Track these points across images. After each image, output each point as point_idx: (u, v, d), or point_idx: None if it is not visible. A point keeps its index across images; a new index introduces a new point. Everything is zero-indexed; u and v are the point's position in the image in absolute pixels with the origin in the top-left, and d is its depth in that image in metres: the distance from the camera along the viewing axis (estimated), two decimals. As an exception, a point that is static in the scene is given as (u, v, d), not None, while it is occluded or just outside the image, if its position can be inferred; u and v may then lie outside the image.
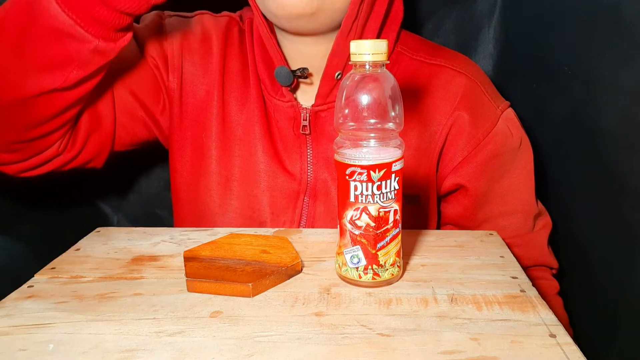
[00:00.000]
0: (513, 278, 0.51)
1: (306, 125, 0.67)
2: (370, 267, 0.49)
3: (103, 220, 0.93)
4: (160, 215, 0.97)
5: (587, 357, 0.39)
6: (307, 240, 0.61)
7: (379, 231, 0.48)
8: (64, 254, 0.58)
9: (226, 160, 0.69)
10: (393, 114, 0.47)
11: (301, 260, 0.54)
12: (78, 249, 0.59)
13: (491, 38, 0.90)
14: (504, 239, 0.61)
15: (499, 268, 0.53)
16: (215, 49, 0.71)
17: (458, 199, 0.71)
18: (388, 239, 0.48)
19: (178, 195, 0.73)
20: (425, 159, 0.68)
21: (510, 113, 0.69)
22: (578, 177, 0.71)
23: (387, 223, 0.48)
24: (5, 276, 0.60)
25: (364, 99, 0.46)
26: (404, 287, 0.50)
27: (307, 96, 0.70)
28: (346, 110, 0.47)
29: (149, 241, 0.61)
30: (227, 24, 0.73)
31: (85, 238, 0.62)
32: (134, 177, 0.95)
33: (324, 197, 0.68)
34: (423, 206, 0.71)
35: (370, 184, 0.46)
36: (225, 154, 0.69)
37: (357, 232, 0.48)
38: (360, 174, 0.46)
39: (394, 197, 0.48)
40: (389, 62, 0.47)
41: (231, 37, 0.72)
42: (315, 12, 0.59)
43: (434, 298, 0.48)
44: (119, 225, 0.94)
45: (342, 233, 0.49)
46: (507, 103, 0.69)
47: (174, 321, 0.44)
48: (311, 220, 0.69)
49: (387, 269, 0.49)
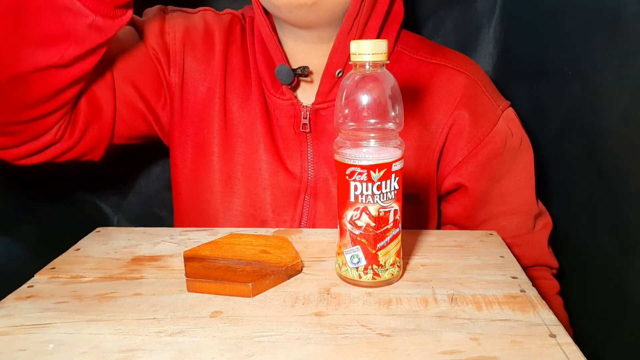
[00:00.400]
0: (513, 278, 0.51)
1: (306, 124, 0.67)
2: (370, 267, 0.49)
3: (103, 220, 0.93)
4: (160, 215, 0.97)
5: (587, 357, 0.39)
6: (307, 240, 0.61)
7: (379, 231, 0.48)
8: (64, 254, 0.58)
9: (228, 158, 0.69)
10: (393, 114, 0.47)
11: (301, 260, 0.54)
12: (78, 249, 0.59)
13: (491, 38, 0.90)
14: (504, 239, 0.61)
15: (499, 268, 0.53)
16: (218, 45, 0.71)
17: (458, 199, 0.71)
18: (388, 239, 0.48)
19: (179, 192, 0.73)
20: (426, 158, 0.68)
21: (511, 112, 0.69)
22: (578, 177, 0.71)
23: (387, 223, 0.48)
24: (5, 276, 0.60)
25: (364, 99, 0.46)
26: (404, 287, 0.50)
27: (308, 94, 0.70)
28: (346, 110, 0.47)
29: (149, 241, 0.61)
30: (230, 22, 0.73)
31: (85, 238, 0.62)
32: (134, 177, 0.95)
33: (325, 196, 0.68)
34: (423, 206, 0.71)
35: (370, 184, 0.46)
36: (227, 152, 0.69)
37: (357, 232, 0.48)
38: (360, 174, 0.46)
39: (394, 197, 0.48)
40: (389, 62, 0.47)
41: (234, 35, 0.72)
42: (315, 3, 0.59)
43: (434, 298, 0.48)
44: (119, 225, 0.94)
45: (342, 233, 0.49)
46: (508, 102, 0.69)
47: (174, 321, 0.44)
48: (312, 218, 0.69)
49: (387, 269, 0.49)
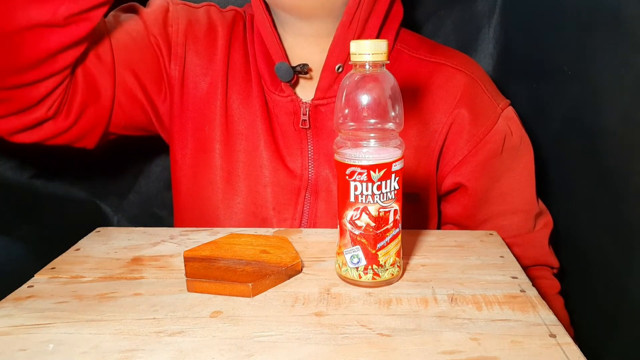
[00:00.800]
0: (513, 278, 0.51)
1: (306, 120, 0.67)
2: (370, 267, 0.49)
3: (103, 220, 0.93)
4: (160, 215, 0.97)
5: (587, 357, 0.39)
6: (307, 240, 0.61)
7: (379, 231, 0.48)
8: (64, 254, 0.58)
9: (229, 155, 0.69)
10: (393, 114, 0.47)
11: (301, 260, 0.54)
12: (78, 249, 0.59)
13: (491, 38, 0.90)
14: (504, 239, 0.61)
15: (499, 268, 0.53)
16: (221, 41, 0.71)
17: (458, 198, 0.71)
18: (388, 239, 0.48)
19: (179, 189, 0.73)
20: (425, 157, 0.68)
21: (511, 111, 0.69)
22: (578, 177, 0.71)
23: (387, 223, 0.48)
24: (5, 276, 0.60)
25: (364, 99, 0.46)
26: (404, 287, 0.50)
27: (307, 91, 0.69)
28: (346, 110, 0.47)
29: (149, 241, 0.61)
30: (233, 18, 0.73)
31: (85, 238, 0.62)
32: (134, 177, 0.95)
33: (326, 194, 0.68)
34: (423, 205, 0.71)
35: (370, 184, 0.46)
36: (229, 149, 0.69)
37: (357, 232, 0.48)
38: (360, 174, 0.46)
39: (394, 197, 0.48)
40: (389, 62, 0.47)
41: (236, 31, 0.72)
42: None
43: (434, 298, 0.48)
44: (119, 225, 0.94)
45: (342, 233, 0.49)
46: (508, 101, 0.69)
47: (174, 321, 0.44)
48: (313, 217, 0.68)
49: (387, 269, 0.49)
